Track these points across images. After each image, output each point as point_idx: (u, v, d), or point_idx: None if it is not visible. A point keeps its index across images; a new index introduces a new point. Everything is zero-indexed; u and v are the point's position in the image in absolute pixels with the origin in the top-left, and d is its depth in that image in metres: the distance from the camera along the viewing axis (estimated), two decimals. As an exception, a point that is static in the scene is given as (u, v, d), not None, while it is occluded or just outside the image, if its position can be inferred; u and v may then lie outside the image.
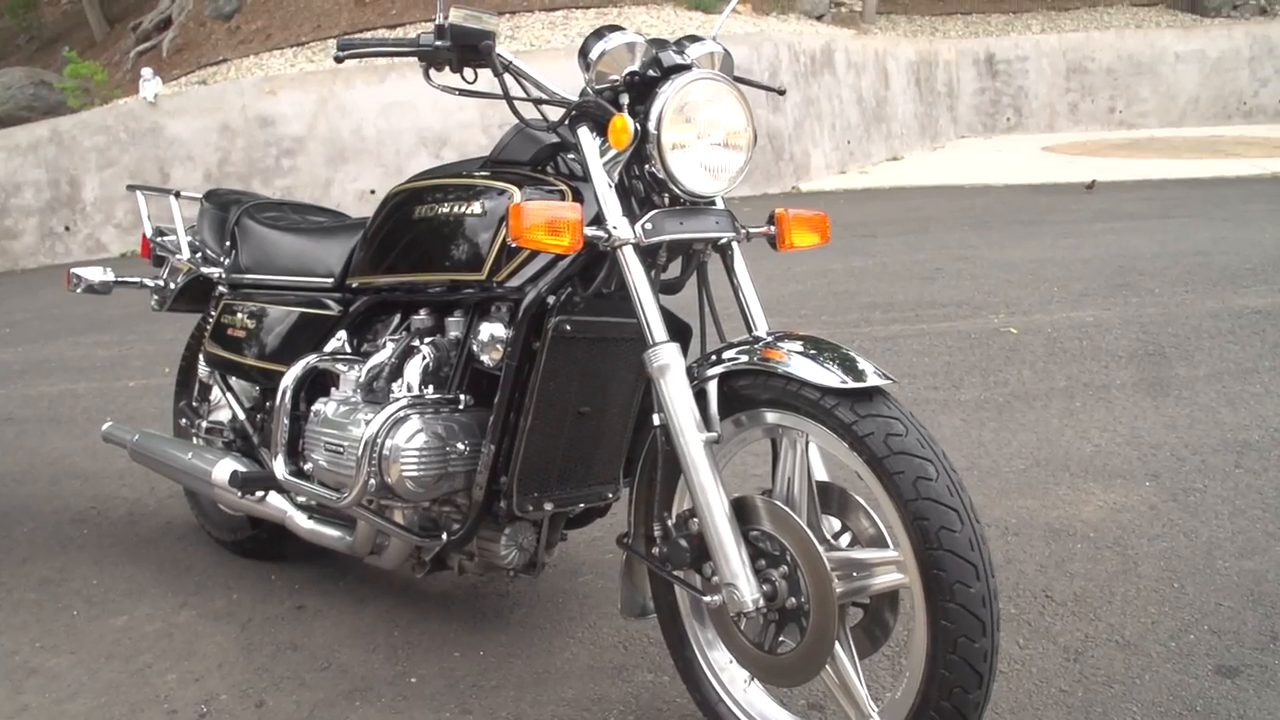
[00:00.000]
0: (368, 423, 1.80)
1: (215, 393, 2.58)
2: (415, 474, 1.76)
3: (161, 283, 2.80)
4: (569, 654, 2.07)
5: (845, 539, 1.58)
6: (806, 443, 1.54)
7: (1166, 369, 3.71)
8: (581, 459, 1.89)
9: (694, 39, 1.79)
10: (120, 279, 2.83)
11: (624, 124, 1.58)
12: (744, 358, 1.57)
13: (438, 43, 1.70)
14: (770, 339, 1.60)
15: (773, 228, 1.81)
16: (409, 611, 2.29)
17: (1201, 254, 5.65)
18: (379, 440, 1.75)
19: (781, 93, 2.17)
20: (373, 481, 1.77)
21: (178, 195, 2.73)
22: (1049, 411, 3.34)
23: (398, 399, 1.82)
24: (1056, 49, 14.03)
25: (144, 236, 2.85)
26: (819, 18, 14.09)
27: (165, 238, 2.78)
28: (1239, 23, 14.05)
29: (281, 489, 2.08)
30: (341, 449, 1.88)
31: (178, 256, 2.67)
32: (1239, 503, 2.60)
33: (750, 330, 1.73)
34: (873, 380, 1.44)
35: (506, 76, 1.72)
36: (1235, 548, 2.36)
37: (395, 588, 2.42)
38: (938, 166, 11.70)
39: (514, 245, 1.59)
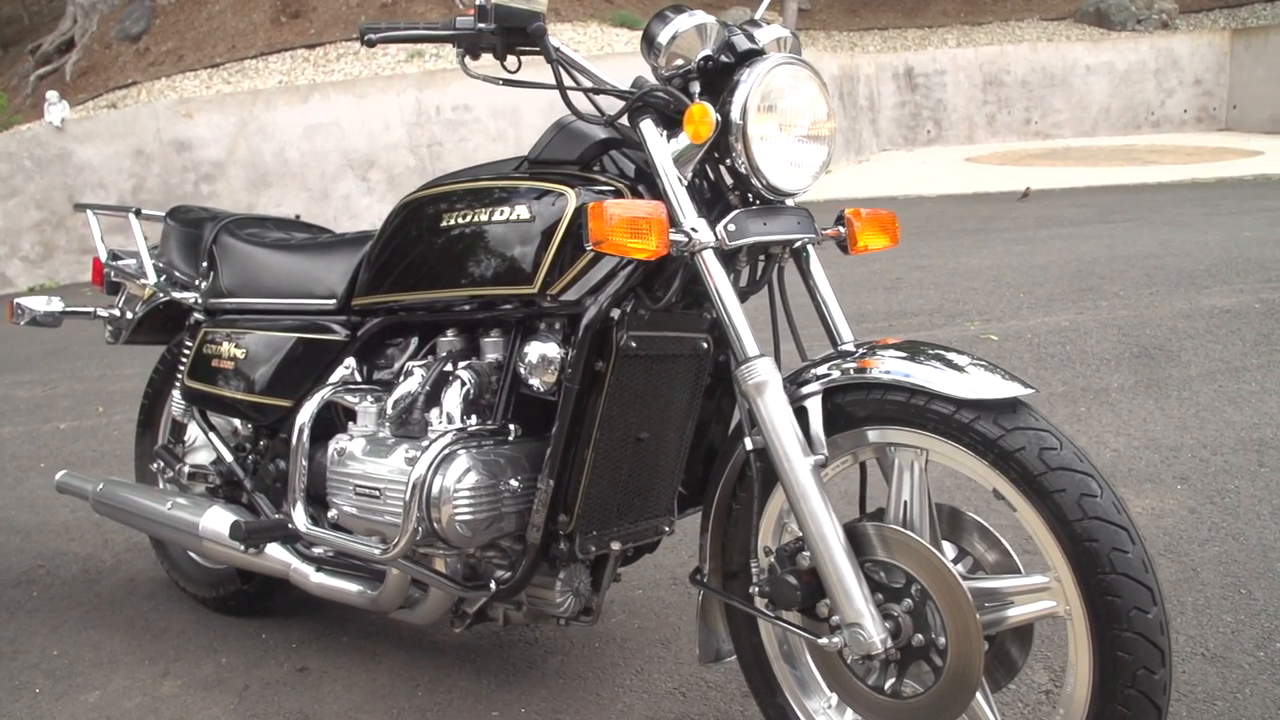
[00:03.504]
0: (410, 461, 1.57)
1: (191, 433, 2.31)
2: (468, 517, 1.54)
3: (118, 312, 2.51)
4: (622, 705, 1.87)
5: (961, 565, 1.43)
6: (926, 461, 1.38)
7: (1158, 370, 3.69)
8: (640, 490, 1.70)
9: (753, 24, 1.63)
10: (69, 309, 2.54)
11: (705, 113, 1.42)
12: (837, 373, 1.42)
13: (479, 25, 1.51)
14: (865, 349, 1.46)
15: (842, 229, 1.66)
16: (429, 668, 2.06)
17: (1153, 257, 5.73)
18: (427, 481, 1.53)
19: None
20: (421, 528, 1.55)
21: (138, 213, 2.45)
22: (1056, 417, 3.27)
23: (439, 433, 1.60)
24: (973, 62, 14.36)
25: (96, 260, 2.56)
26: (742, 34, 14.13)
27: (122, 261, 2.50)
28: (1144, 36, 14.61)
29: (293, 539, 1.83)
30: (377, 492, 1.64)
31: (140, 281, 2.40)
32: (1276, 502, 2.54)
33: (834, 340, 1.58)
34: (1011, 388, 1.29)
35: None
36: (1288, 549, 2.29)
37: (406, 641, 2.18)
38: (866, 178, 11.79)
39: (592, 250, 1.40)
